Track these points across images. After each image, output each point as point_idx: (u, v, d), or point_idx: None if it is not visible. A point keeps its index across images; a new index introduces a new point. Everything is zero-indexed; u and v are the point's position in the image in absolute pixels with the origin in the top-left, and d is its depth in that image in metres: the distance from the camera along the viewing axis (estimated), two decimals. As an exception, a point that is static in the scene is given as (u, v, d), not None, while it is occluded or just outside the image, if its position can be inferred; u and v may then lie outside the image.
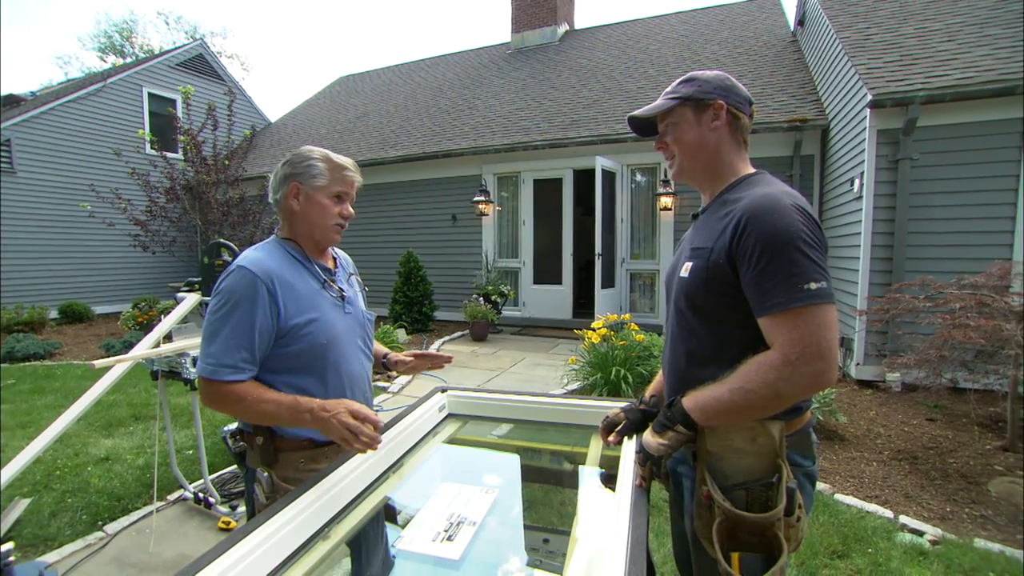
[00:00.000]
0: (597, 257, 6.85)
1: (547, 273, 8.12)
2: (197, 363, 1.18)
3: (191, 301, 2.95)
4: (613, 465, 1.20)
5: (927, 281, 3.58)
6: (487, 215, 8.20)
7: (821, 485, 2.83)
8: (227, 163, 8.16)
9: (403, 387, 4.91)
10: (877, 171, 4.55)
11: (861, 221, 4.68)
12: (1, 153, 8.54)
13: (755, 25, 9.35)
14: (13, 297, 8.52)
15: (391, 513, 1.20)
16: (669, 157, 1.14)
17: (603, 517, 1.09)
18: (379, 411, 3.94)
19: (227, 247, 2.77)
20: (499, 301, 7.47)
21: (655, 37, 10.23)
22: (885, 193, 4.55)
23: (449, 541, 1.05)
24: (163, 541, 2.46)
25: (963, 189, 4.37)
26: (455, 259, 8.51)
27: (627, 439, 1.18)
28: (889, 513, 2.57)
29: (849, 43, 5.26)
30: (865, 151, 4.58)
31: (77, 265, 9.60)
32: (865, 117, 4.56)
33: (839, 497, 2.73)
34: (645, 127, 1.18)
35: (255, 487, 1.26)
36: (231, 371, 1.12)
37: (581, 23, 12.59)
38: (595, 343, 4.53)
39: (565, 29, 11.71)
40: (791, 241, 0.89)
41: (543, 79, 9.83)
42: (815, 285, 0.88)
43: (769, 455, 0.94)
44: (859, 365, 4.71)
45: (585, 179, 7.64)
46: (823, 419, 3.46)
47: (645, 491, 1.01)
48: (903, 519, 2.50)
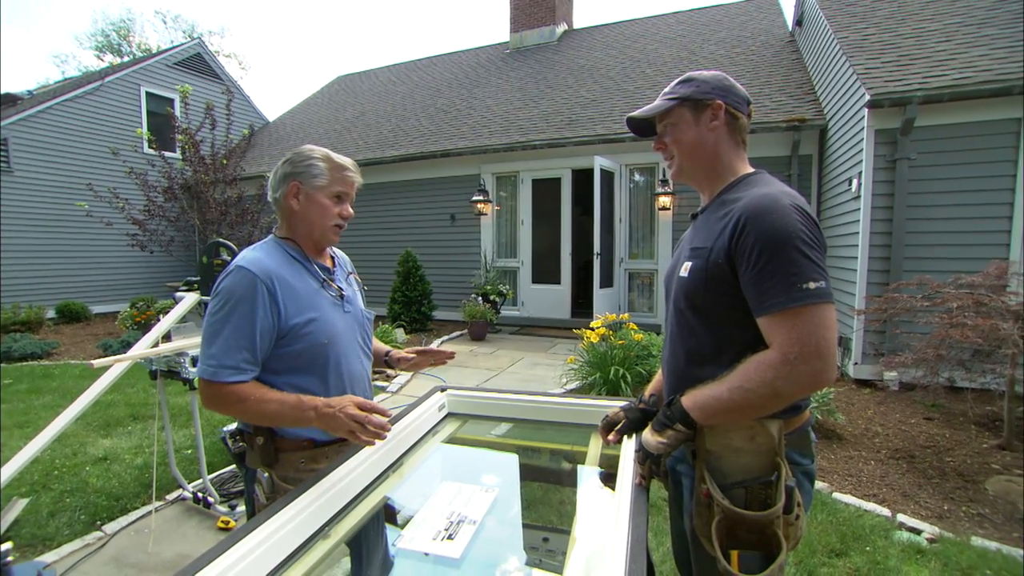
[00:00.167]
0: (596, 257, 6.86)
1: (546, 273, 8.12)
2: (197, 364, 1.18)
3: (190, 300, 2.95)
4: (612, 464, 1.20)
5: (925, 280, 3.59)
6: (486, 215, 8.19)
7: (819, 484, 2.84)
8: (225, 162, 8.14)
9: (402, 387, 4.90)
10: (875, 171, 4.57)
11: (859, 221, 4.69)
12: (-2, 152, 8.53)
13: (753, 25, 9.37)
14: (10, 297, 8.50)
15: (391, 512, 1.20)
16: (668, 157, 1.15)
17: (603, 516, 1.09)
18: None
19: (226, 246, 2.76)
20: (498, 301, 7.47)
21: (653, 37, 10.24)
22: (883, 193, 4.57)
23: (449, 540, 1.05)
24: (162, 541, 2.46)
25: (960, 189, 4.39)
26: (454, 259, 8.50)
27: (626, 438, 1.19)
28: (887, 512, 2.58)
29: (847, 43, 5.27)
30: (863, 151, 4.59)
31: (74, 264, 9.58)
32: (863, 117, 4.58)
33: (837, 496, 2.74)
34: (644, 127, 1.18)
35: (255, 487, 1.25)
36: (232, 372, 1.11)
37: (580, 23, 12.61)
38: (594, 343, 4.54)
39: (563, 29, 11.71)
40: (790, 241, 0.89)
41: (541, 79, 9.83)
42: (814, 285, 0.88)
43: (768, 453, 0.95)
44: (857, 364, 4.72)
45: (584, 179, 7.65)
46: (821, 418, 3.47)
47: (645, 490, 1.02)
48: (901, 518, 2.51)
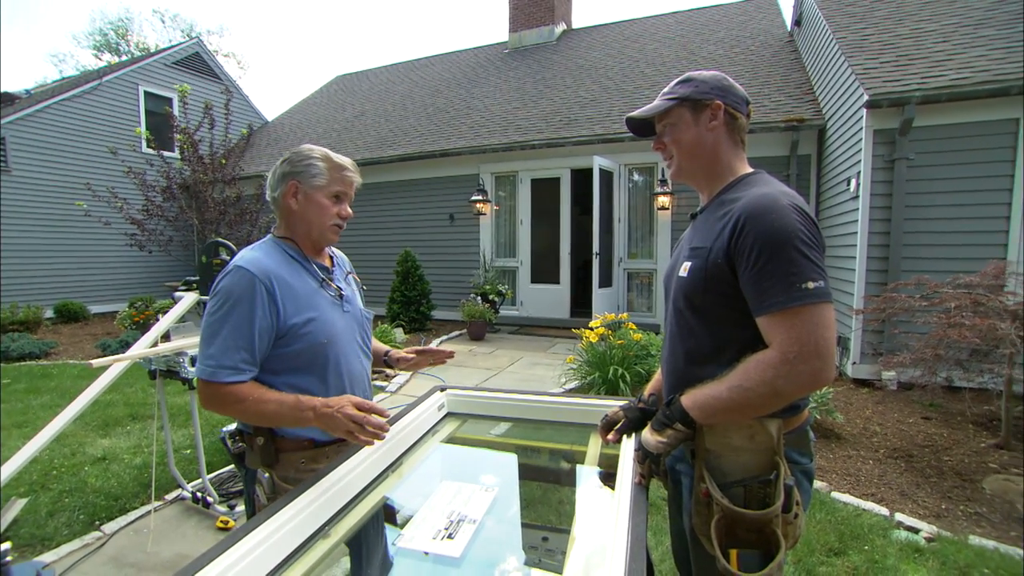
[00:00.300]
0: (595, 256, 6.86)
1: (545, 272, 8.12)
2: (196, 364, 1.18)
3: (189, 300, 2.95)
4: (612, 463, 1.20)
5: (923, 280, 3.60)
6: (485, 214, 8.19)
7: (818, 483, 2.85)
8: (224, 162, 8.13)
9: (401, 386, 4.90)
10: (873, 171, 4.57)
11: (857, 221, 4.70)
12: (-4, 152, 8.51)
13: (752, 25, 9.38)
14: (8, 296, 8.48)
15: (391, 512, 1.20)
16: (667, 157, 1.15)
17: (602, 515, 1.10)
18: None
19: (225, 246, 2.76)
20: (497, 300, 7.47)
21: (652, 37, 10.24)
22: (881, 193, 4.58)
23: (450, 539, 1.05)
24: (161, 541, 2.46)
25: (958, 189, 4.40)
26: (453, 258, 8.50)
27: (626, 437, 1.19)
28: (885, 511, 2.58)
29: (846, 43, 5.28)
30: (861, 151, 4.60)
31: (73, 264, 9.56)
32: (861, 117, 4.58)
33: (836, 495, 2.74)
34: (643, 127, 1.19)
35: (256, 488, 1.25)
36: (231, 372, 1.11)
37: (578, 23, 12.60)
38: (593, 342, 4.54)
39: (562, 29, 11.72)
40: (789, 241, 0.90)
41: (540, 78, 9.83)
42: (813, 284, 0.88)
43: (767, 452, 0.95)
44: (855, 364, 4.73)
45: (583, 178, 7.65)
46: (820, 418, 3.48)
47: (644, 489, 1.02)
48: (899, 517, 2.52)
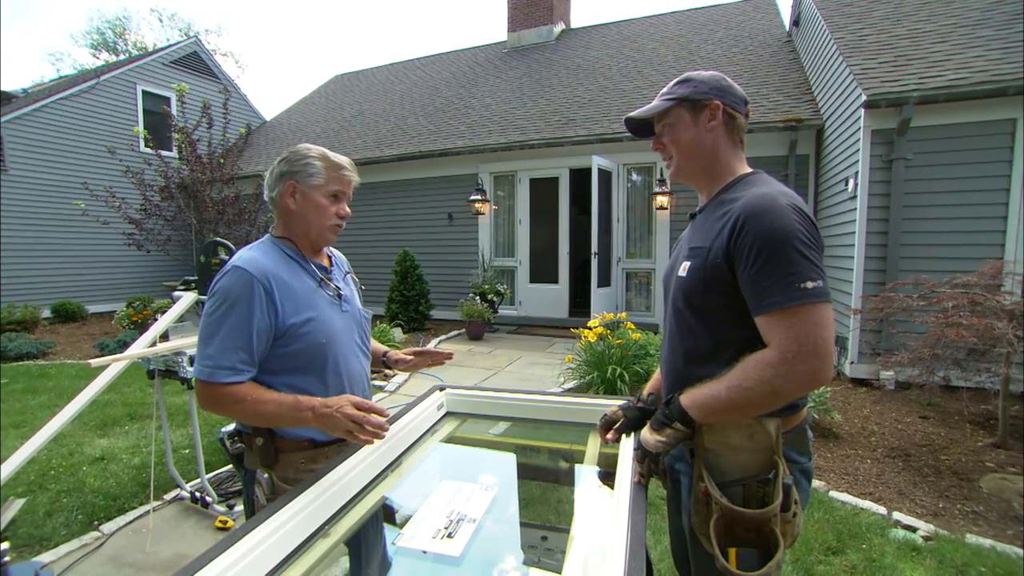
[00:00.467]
0: (593, 256, 6.86)
1: (543, 272, 8.13)
2: (194, 365, 1.17)
3: (188, 300, 2.94)
4: (611, 463, 1.20)
5: (920, 280, 3.61)
6: (483, 214, 8.19)
7: (816, 482, 2.86)
8: (222, 161, 8.12)
9: (400, 386, 4.90)
10: (871, 171, 4.59)
11: (856, 221, 4.71)
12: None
13: (751, 25, 9.39)
14: (6, 296, 8.45)
15: (390, 511, 1.20)
16: (666, 158, 1.15)
17: (601, 514, 1.10)
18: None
19: (224, 246, 2.76)
20: (495, 300, 7.47)
21: (651, 36, 10.25)
22: (879, 193, 4.59)
23: (449, 538, 1.05)
24: (160, 540, 2.45)
25: (956, 189, 4.41)
26: (451, 258, 8.50)
27: (625, 436, 1.19)
28: (883, 510, 2.59)
29: (844, 44, 5.29)
30: (860, 151, 4.61)
31: (70, 264, 9.54)
32: (860, 117, 4.60)
33: (833, 494, 2.75)
34: (642, 127, 1.19)
35: (255, 489, 1.24)
36: (229, 373, 1.11)
37: (577, 22, 12.59)
38: (591, 342, 4.54)
39: (561, 28, 11.71)
40: (788, 241, 0.90)
41: (539, 78, 9.83)
42: (811, 284, 0.89)
43: (766, 452, 0.95)
44: (853, 363, 4.74)
45: (581, 178, 7.65)
46: (818, 417, 3.49)
47: (643, 488, 1.02)
48: (896, 515, 2.53)
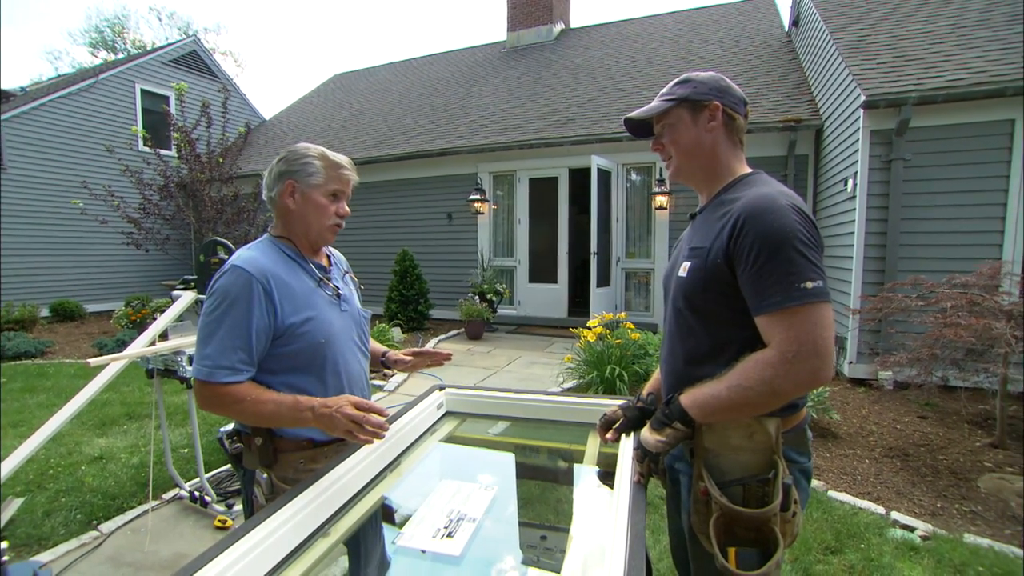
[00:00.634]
0: (592, 256, 6.87)
1: (543, 272, 8.13)
2: (193, 364, 1.17)
3: (187, 299, 2.94)
4: (610, 462, 1.20)
5: (919, 280, 3.62)
6: (483, 214, 8.19)
7: (814, 482, 2.86)
8: (221, 160, 8.10)
9: (399, 386, 4.90)
10: (870, 171, 4.59)
11: (854, 221, 4.72)
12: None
13: (750, 25, 9.40)
14: (4, 295, 8.43)
15: (390, 511, 1.21)
16: (666, 158, 1.15)
17: (600, 514, 1.10)
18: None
19: (223, 245, 2.75)
20: (494, 300, 7.47)
21: (650, 36, 10.25)
22: (878, 193, 4.60)
23: (449, 538, 1.06)
24: (159, 540, 2.45)
25: (955, 189, 4.42)
26: (451, 258, 8.50)
27: (624, 436, 1.19)
28: (881, 509, 2.60)
29: (843, 44, 5.30)
30: (859, 151, 4.62)
31: (69, 263, 9.52)
32: (859, 118, 4.60)
33: (832, 494, 2.75)
34: (641, 128, 1.19)
35: (254, 489, 1.24)
36: (228, 372, 1.10)
37: (577, 22, 12.59)
38: (591, 342, 4.55)
39: (561, 28, 11.71)
40: (788, 241, 0.90)
41: (539, 78, 9.83)
42: (811, 284, 0.89)
43: (765, 451, 0.96)
44: (852, 363, 4.75)
45: (581, 178, 7.65)
46: (817, 417, 3.49)
47: (643, 488, 1.02)
48: (895, 515, 2.53)
